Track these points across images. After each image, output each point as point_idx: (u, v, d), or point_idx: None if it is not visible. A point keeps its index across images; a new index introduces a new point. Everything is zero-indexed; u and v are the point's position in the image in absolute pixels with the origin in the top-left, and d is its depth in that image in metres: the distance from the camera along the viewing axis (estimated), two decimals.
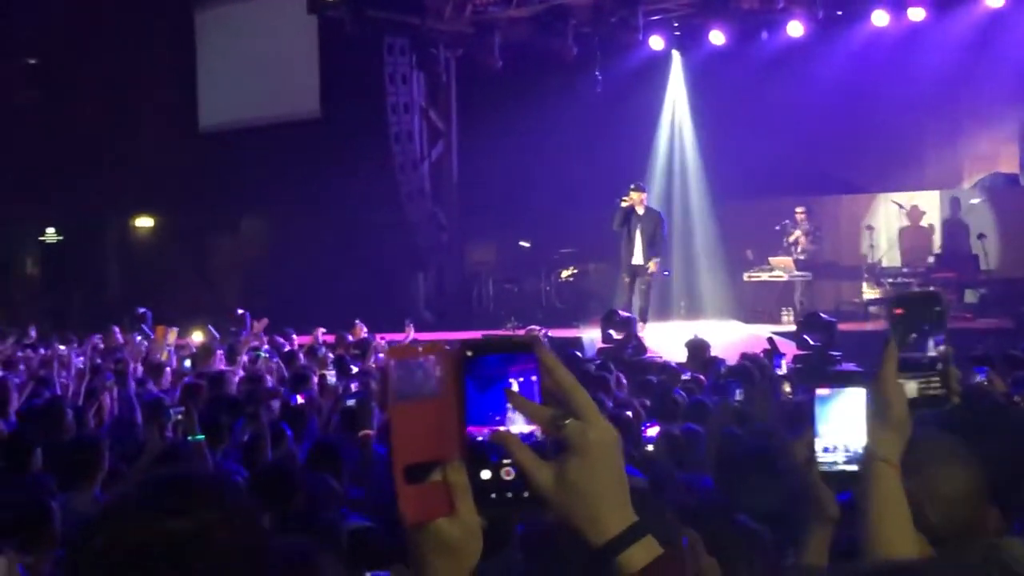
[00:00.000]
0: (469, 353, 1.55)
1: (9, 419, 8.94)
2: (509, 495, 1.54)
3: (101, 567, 1.72)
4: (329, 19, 19.53)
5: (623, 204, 16.75)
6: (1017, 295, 16.38)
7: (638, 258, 16.85)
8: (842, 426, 2.61)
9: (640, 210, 16.87)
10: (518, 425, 1.55)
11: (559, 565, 2.54)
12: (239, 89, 20.89)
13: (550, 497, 1.52)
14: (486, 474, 1.55)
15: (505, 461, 1.54)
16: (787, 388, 9.51)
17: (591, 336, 15.96)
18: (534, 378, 1.56)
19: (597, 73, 19.69)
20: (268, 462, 6.90)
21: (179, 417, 7.69)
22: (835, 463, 2.63)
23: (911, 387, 2.19)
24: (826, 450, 2.62)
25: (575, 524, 1.53)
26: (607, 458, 1.53)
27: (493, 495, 1.55)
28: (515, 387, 1.54)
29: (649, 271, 16.78)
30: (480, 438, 1.55)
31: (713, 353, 11.96)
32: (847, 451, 2.62)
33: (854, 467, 2.58)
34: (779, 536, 3.98)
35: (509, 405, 1.55)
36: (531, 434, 1.55)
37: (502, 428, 1.55)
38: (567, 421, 1.52)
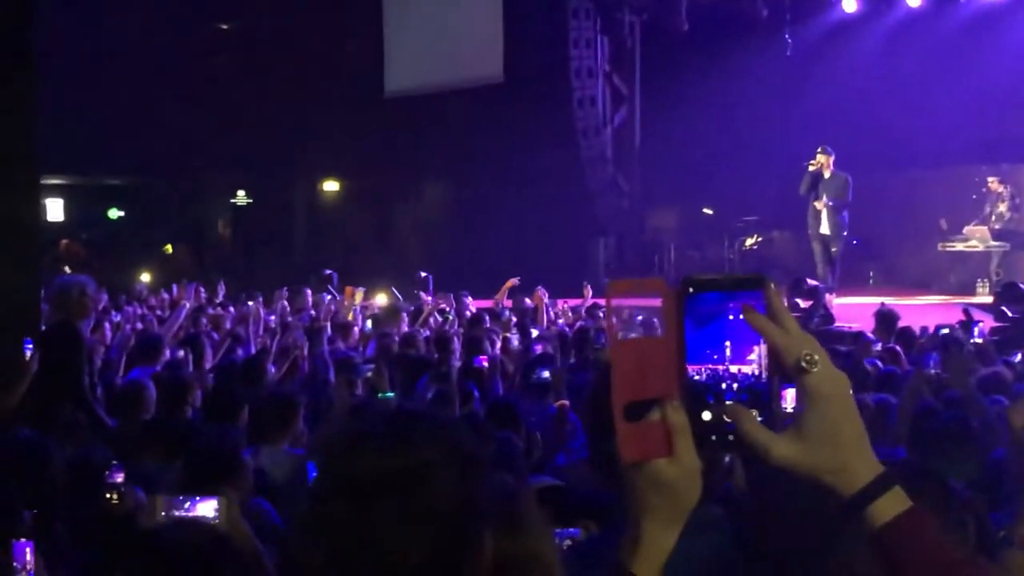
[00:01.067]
0: (691, 289, 1.51)
1: (205, 374, 9.12)
2: (730, 438, 1.50)
3: (346, 492, 1.75)
4: None
5: (811, 168, 16.60)
6: None
7: (825, 227, 16.67)
8: None
9: (827, 174, 16.72)
10: (736, 363, 1.52)
11: (777, 525, 2.53)
12: (424, 55, 21.03)
13: (793, 460, 1.47)
14: (706, 415, 1.52)
15: (729, 403, 1.52)
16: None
17: None
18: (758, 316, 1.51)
19: (787, 36, 19.56)
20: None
21: (369, 375, 7.87)
22: None
23: None
24: None
25: (822, 478, 1.48)
26: (849, 405, 1.49)
27: (713, 437, 1.52)
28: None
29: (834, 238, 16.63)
30: (697, 377, 1.53)
31: (904, 323, 11.75)
32: None
33: None
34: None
35: (728, 344, 1.52)
36: (750, 375, 1.52)
37: (731, 401, 1.51)
38: (812, 361, 1.45)
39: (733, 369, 1.52)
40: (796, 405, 1.50)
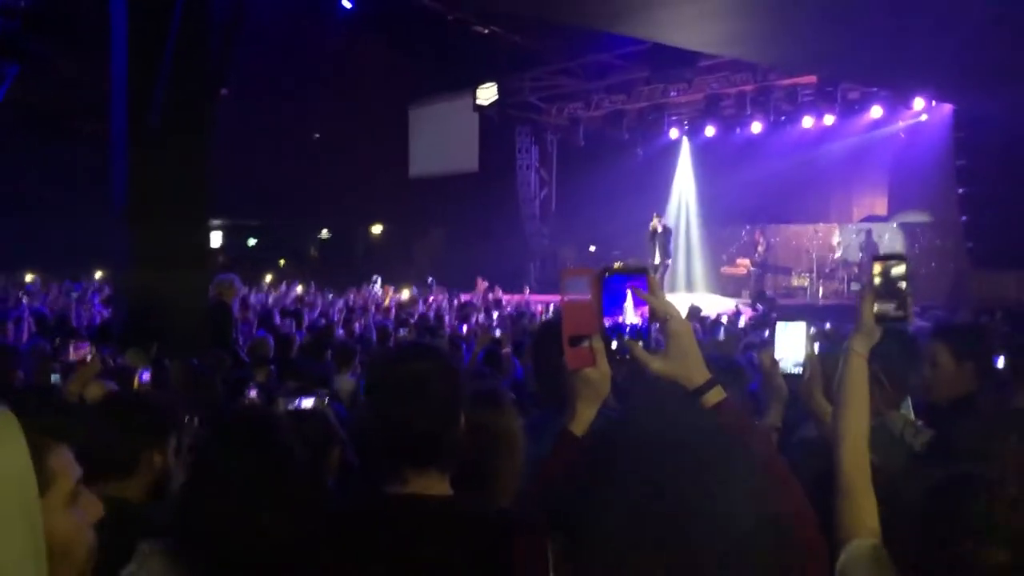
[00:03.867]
0: (606, 274, 1.57)
1: (302, 332, 9.00)
2: (627, 357, 1.55)
3: (386, 387, 1.79)
4: (484, 114, 19.51)
5: (651, 225, 16.88)
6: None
7: (657, 258, 16.95)
8: (788, 345, 2.60)
9: (659, 229, 16.98)
10: (629, 316, 1.56)
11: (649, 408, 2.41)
12: (432, 153, 21.06)
13: (659, 368, 1.51)
14: (614, 345, 1.57)
15: (625, 338, 1.56)
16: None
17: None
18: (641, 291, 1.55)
19: (639, 150, 19.64)
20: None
21: (402, 334, 7.90)
22: (785, 367, 2.62)
23: (884, 308, 1.99)
24: (781, 360, 2.60)
25: (679, 380, 1.51)
26: (692, 339, 1.53)
27: (617, 357, 1.57)
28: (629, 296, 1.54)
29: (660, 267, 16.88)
30: (609, 323, 1.57)
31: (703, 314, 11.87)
32: (793, 361, 2.59)
33: (797, 370, 2.56)
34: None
35: (626, 305, 1.56)
36: (637, 324, 1.56)
37: (628, 338, 1.55)
38: (672, 315, 1.52)
39: (629, 320, 1.56)
40: (660, 339, 1.55)
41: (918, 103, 15.33)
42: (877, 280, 2.01)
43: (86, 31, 10.71)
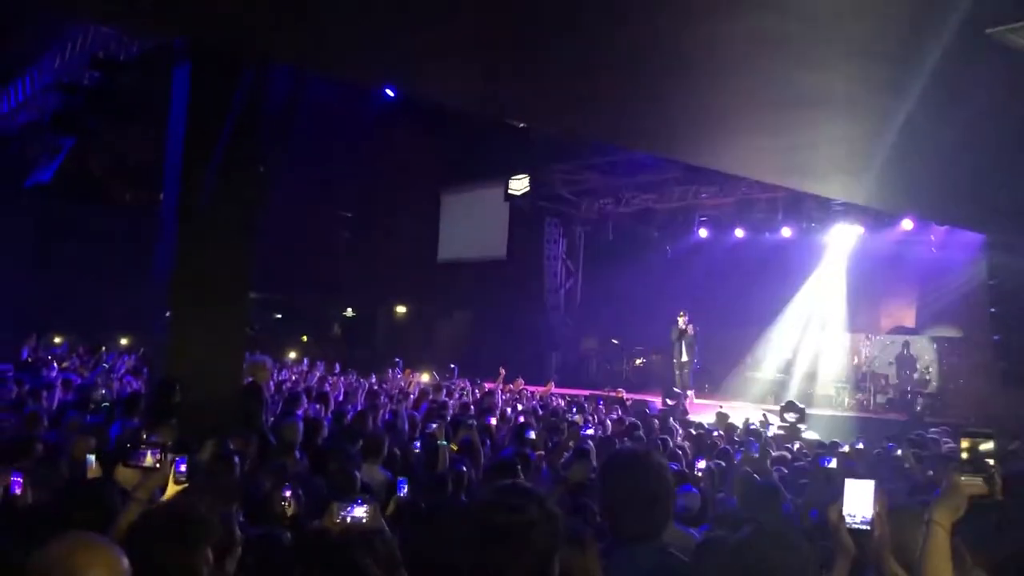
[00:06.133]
0: None
1: (328, 417, 8.90)
2: None
3: (488, 538, 1.75)
4: (515, 203, 19.79)
5: (678, 323, 16.86)
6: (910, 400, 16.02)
7: (684, 356, 16.87)
8: (855, 500, 2.53)
9: (686, 329, 16.94)
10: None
11: None
12: (460, 239, 21.28)
13: None
14: None
15: None
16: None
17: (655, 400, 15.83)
18: None
19: (667, 247, 19.81)
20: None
21: (433, 428, 7.60)
22: (853, 522, 2.54)
23: (970, 482, 2.01)
24: (850, 515, 2.52)
25: None
26: None
27: None
28: None
29: (686, 366, 16.79)
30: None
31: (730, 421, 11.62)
32: (862, 518, 2.52)
33: (865, 527, 2.49)
34: None
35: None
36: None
37: None
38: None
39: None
40: None
41: None
42: (965, 455, 2.05)
43: (135, 103, 11.06)
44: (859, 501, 2.53)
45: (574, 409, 12.02)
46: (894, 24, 4.67)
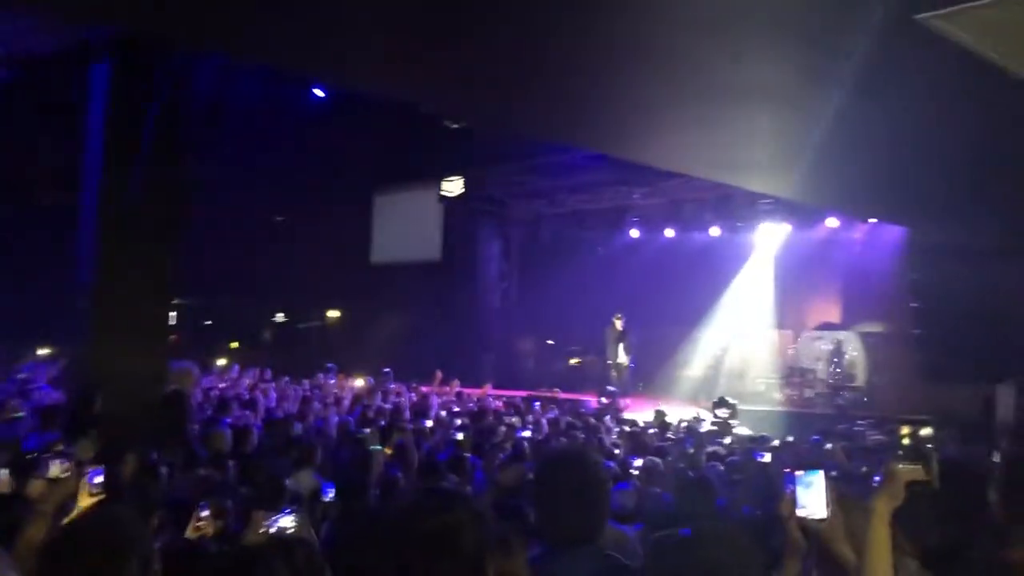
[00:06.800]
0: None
1: (258, 424, 8.72)
2: None
3: (416, 543, 1.72)
4: (449, 205, 19.64)
5: (614, 324, 16.94)
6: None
7: (621, 357, 16.97)
8: (805, 493, 2.47)
9: (619, 326, 17.04)
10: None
11: None
12: (395, 240, 21.05)
13: None
14: None
15: None
16: None
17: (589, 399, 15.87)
18: None
19: (599, 248, 19.94)
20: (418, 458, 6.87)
21: (366, 433, 7.46)
22: (805, 513, 2.49)
23: (908, 470, 2.02)
24: (801, 506, 2.47)
25: None
26: None
27: None
28: None
29: (623, 366, 16.88)
30: None
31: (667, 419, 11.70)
32: (812, 509, 2.47)
33: (818, 517, 2.43)
34: None
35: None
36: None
37: None
38: None
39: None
40: None
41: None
42: (905, 442, 2.08)
43: (52, 101, 10.62)
44: (808, 492, 2.49)
45: (512, 411, 11.97)
46: (822, 9, 4.67)
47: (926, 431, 2.18)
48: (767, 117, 7.07)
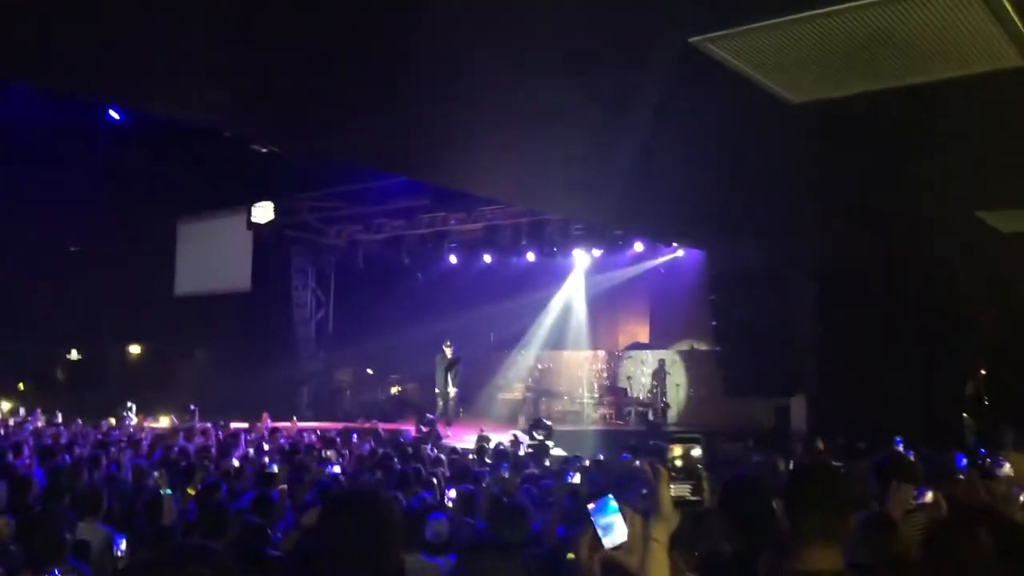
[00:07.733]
0: None
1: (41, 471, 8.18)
2: None
3: None
4: (259, 232, 19.01)
5: (444, 352, 16.90)
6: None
7: (449, 386, 16.94)
8: (608, 520, 2.40)
9: (449, 354, 17.03)
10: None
11: None
12: (201, 269, 20.13)
13: None
14: None
15: None
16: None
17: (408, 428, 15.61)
18: None
19: (419, 275, 19.84)
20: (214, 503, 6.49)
21: (157, 476, 7.09)
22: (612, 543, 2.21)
23: (681, 491, 1.94)
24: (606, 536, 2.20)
25: None
26: None
27: None
28: None
29: (451, 395, 16.83)
30: None
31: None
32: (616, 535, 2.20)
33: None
34: None
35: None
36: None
37: None
38: None
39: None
40: None
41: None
42: (678, 462, 1.97)
43: None
44: (608, 518, 2.39)
45: (327, 445, 11.57)
46: (609, 36, 4.76)
47: (696, 451, 2.19)
48: (568, 143, 7.22)
